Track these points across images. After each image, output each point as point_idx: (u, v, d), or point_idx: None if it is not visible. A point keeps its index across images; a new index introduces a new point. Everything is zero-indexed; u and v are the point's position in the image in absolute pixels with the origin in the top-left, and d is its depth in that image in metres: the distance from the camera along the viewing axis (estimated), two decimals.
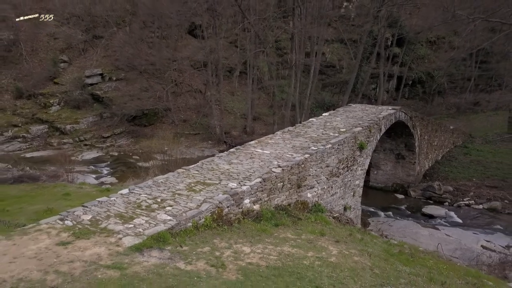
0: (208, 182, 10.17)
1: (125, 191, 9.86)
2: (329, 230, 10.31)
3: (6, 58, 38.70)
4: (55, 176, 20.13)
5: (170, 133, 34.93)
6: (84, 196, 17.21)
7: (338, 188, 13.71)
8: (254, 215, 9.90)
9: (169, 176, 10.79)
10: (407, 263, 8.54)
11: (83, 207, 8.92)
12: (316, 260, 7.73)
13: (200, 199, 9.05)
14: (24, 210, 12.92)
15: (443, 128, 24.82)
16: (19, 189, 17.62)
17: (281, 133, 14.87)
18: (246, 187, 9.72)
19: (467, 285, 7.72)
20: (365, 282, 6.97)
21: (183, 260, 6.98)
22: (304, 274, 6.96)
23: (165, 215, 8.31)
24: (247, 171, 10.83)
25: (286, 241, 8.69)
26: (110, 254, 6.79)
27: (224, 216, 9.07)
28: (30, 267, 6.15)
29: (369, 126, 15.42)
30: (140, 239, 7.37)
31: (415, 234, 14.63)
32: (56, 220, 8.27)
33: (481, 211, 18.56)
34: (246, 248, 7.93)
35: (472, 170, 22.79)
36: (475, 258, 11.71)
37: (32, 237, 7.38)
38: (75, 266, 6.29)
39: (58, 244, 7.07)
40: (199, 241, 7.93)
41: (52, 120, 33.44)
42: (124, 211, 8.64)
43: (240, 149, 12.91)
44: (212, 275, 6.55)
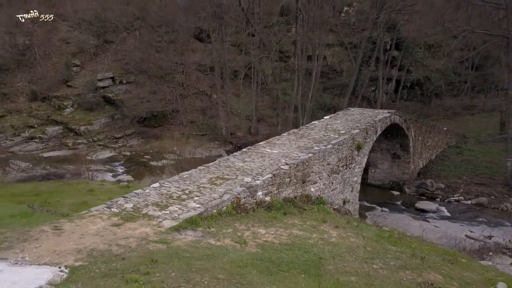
0: (226, 177, 11.89)
1: (157, 185, 11.56)
2: (330, 218, 12.02)
3: (20, 62, 40.44)
4: (77, 174, 21.85)
5: (178, 134, 36.63)
6: (107, 192, 18.96)
7: (338, 183, 15.43)
8: (266, 205, 11.62)
9: (192, 172, 12.49)
10: (395, 244, 10.24)
11: (123, 198, 10.63)
12: (319, 240, 9.44)
13: (222, 191, 10.77)
14: (62, 203, 14.59)
15: (436, 130, 26.51)
16: (48, 186, 19.35)
17: (287, 134, 16.57)
18: (259, 181, 11.43)
19: (443, 261, 9.40)
20: (358, 256, 8.68)
21: (213, 238, 8.70)
22: (310, 249, 8.67)
23: (194, 203, 10.02)
24: (259, 168, 12.54)
25: (294, 226, 10.41)
26: (155, 233, 8.50)
27: (241, 205, 10.79)
28: (96, 241, 7.86)
29: (366, 128, 17.14)
30: (177, 222, 9.08)
31: (407, 226, 16.33)
32: (104, 208, 9.97)
33: (469, 206, 20.29)
34: (261, 230, 9.65)
35: (463, 168, 24.50)
36: (457, 244, 13.41)
37: (89, 220, 9.09)
38: (130, 241, 7.99)
39: (112, 225, 8.78)
40: (223, 225, 9.64)
41: (66, 122, 35.19)
42: (159, 200, 10.36)
43: (251, 149, 14.63)
44: (237, 248, 8.27)
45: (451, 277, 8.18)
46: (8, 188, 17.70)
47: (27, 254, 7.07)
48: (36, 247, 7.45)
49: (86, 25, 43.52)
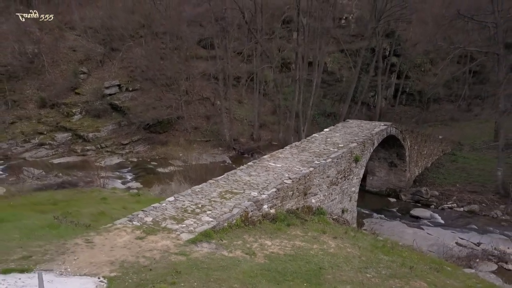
0: (235, 191, 13.04)
1: (172, 199, 12.71)
2: (329, 229, 13.17)
3: (29, 69, 41.65)
4: (90, 182, 23.01)
5: (183, 140, 37.83)
6: (119, 200, 20.11)
7: (337, 194, 16.59)
8: (271, 217, 12.77)
9: (203, 186, 13.65)
10: (387, 253, 11.39)
11: (143, 211, 11.77)
12: (320, 251, 10.60)
13: (231, 205, 11.92)
14: (81, 213, 15.68)
15: (432, 139, 27.65)
16: (63, 194, 20.47)
17: (289, 148, 17.71)
18: (265, 196, 12.58)
19: (430, 269, 10.55)
20: (354, 265, 9.84)
21: (226, 249, 9.86)
22: (311, 260, 9.82)
23: (207, 217, 11.17)
24: (264, 182, 13.69)
25: (297, 237, 11.57)
26: (175, 245, 9.65)
27: (249, 218, 11.93)
28: (125, 253, 9.01)
29: (363, 141, 18.29)
30: (193, 235, 10.22)
31: (401, 233, 17.49)
32: (126, 221, 11.13)
33: (461, 213, 21.45)
34: (268, 242, 10.81)
35: (457, 176, 25.64)
36: (447, 252, 14.54)
37: (116, 233, 10.24)
38: (154, 253, 9.14)
39: (136, 238, 9.93)
40: (233, 237, 10.79)
41: (75, 128, 36.38)
42: (175, 214, 11.51)
43: (257, 163, 15.78)
44: (247, 259, 9.43)
45: (435, 285, 9.33)
46: (27, 197, 18.85)
47: (68, 266, 8.22)
48: (75, 259, 8.60)
49: (92, 33, 44.72)
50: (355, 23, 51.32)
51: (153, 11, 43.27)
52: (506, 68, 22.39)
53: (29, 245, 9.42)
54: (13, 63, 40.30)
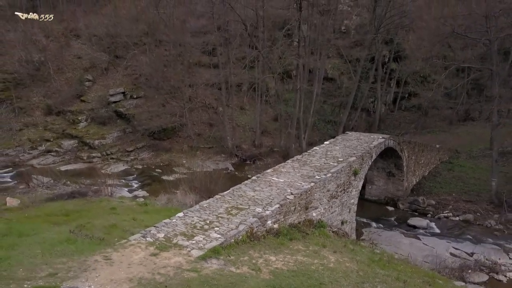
0: (240, 207, 13.84)
1: (181, 214, 13.52)
2: (329, 242, 13.99)
3: (35, 77, 42.49)
4: (98, 191, 23.82)
5: (186, 146, 38.65)
6: (128, 210, 20.87)
7: (337, 207, 17.41)
8: (275, 232, 13.59)
9: (210, 202, 14.45)
10: (383, 267, 12.22)
11: (155, 227, 12.57)
12: (320, 266, 11.41)
13: (237, 221, 12.72)
14: (94, 225, 16.47)
15: (429, 148, 28.45)
16: (74, 204, 21.24)
17: (291, 161, 18.52)
18: (269, 212, 13.39)
19: (423, 283, 11.38)
20: (352, 281, 10.66)
21: (233, 266, 10.67)
22: (312, 275, 10.64)
23: (215, 234, 11.97)
24: (268, 198, 14.50)
25: (299, 252, 12.39)
26: (186, 262, 10.46)
27: (254, 234, 12.74)
28: (141, 270, 9.82)
29: (362, 155, 19.11)
30: (203, 252, 11.03)
31: (398, 243, 18.31)
32: (140, 237, 11.94)
33: (457, 223, 22.26)
34: (272, 257, 11.63)
35: (453, 185, 26.45)
36: (441, 263, 15.34)
37: (131, 250, 11.06)
38: (168, 270, 9.96)
39: (150, 255, 10.74)
40: (240, 252, 11.61)
41: (81, 136, 37.23)
42: (185, 230, 12.31)
43: (260, 178, 16.59)
44: (253, 275, 10.24)
45: None
46: (40, 208, 19.64)
47: (92, 283, 9.04)
48: (96, 276, 9.42)
49: (96, 41, 45.55)
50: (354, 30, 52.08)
51: (156, 20, 44.10)
52: (499, 83, 23.20)
53: (53, 261, 10.23)
54: (20, 70, 41.17)
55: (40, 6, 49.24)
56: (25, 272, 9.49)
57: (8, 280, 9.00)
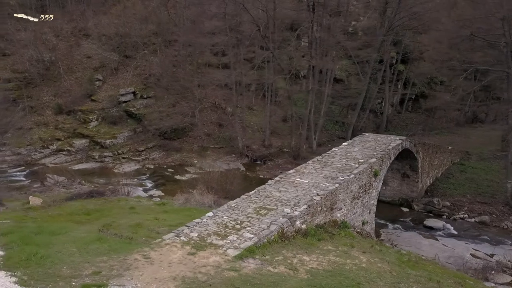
0: (268, 207, 13.98)
1: (211, 214, 13.66)
2: (356, 243, 14.13)
3: (45, 76, 42.67)
4: (115, 190, 23.97)
5: (197, 146, 38.76)
6: (147, 209, 21.05)
7: (359, 208, 17.56)
8: (303, 232, 13.73)
9: (238, 202, 14.59)
10: (413, 268, 12.36)
11: (187, 227, 12.69)
12: (353, 266, 11.55)
13: (268, 222, 12.85)
14: (119, 224, 16.63)
15: (442, 150, 28.60)
16: (94, 203, 21.40)
17: (312, 162, 18.66)
18: (298, 212, 13.54)
19: (454, 283, 11.52)
20: (387, 281, 10.79)
21: (270, 265, 10.81)
22: (348, 275, 10.77)
23: (248, 233, 12.11)
24: (295, 199, 14.64)
25: (330, 252, 12.53)
26: (224, 261, 10.60)
27: (284, 234, 12.90)
28: (183, 269, 9.96)
29: (382, 156, 19.27)
30: (239, 251, 11.16)
31: (418, 244, 18.46)
32: (173, 237, 12.06)
33: (472, 224, 22.43)
34: (305, 257, 11.77)
35: (467, 187, 26.60)
36: (464, 264, 15.50)
37: (168, 249, 11.19)
38: (208, 269, 10.09)
39: (188, 254, 10.87)
40: (273, 252, 11.75)
41: (92, 135, 37.36)
42: (217, 230, 12.45)
43: (283, 178, 16.73)
44: (291, 275, 10.38)
45: None
46: (62, 208, 19.79)
47: (137, 281, 9.17)
48: (140, 274, 9.55)
49: (106, 40, 45.65)
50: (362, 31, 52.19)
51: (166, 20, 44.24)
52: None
53: (94, 260, 10.36)
54: (30, 70, 41.35)
55: (49, 5, 49.28)
56: (69, 270, 9.63)
57: (54, 277, 9.15)
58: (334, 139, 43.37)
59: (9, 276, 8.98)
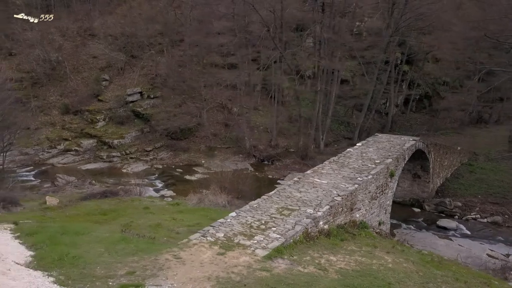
0: (291, 208, 14.04)
1: (234, 214, 13.70)
2: (377, 243, 14.21)
3: (51, 76, 42.65)
4: (128, 190, 23.99)
5: (204, 146, 38.78)
6: (162, 209, 21.06)
7: (376, 208, 17.63)
8: (325, 232, 13.79)
9: (259, 202, 14.64)
10: (438, 268, 12.43)
11: (212, 227, 12.74)
12: (380, 266, 11.62)
13: (292, 222, 12.91)
14: (139, 224, 16.64)
15: (451, 150, 28.71)
16: (108, 203, 21.39)
17: (328, 163, 18.72)
18: (321, 213, 13.60)
19: (480, 283, 11.60)
20: (416, 281, 10.86)
21: (299, 265, 10.87)
22: (376, 275, 10.84)
23: (274, 234, 12.16)
24: (316, 199, 14.70)
25: (354, 252, 12.59)
26: (254, 261, 10.64)
27: (309, 234, 12.97)
28: (215, 269, 10.00)
29: (397, 157, 19.36)
30: (267, 251, 11.21)
31: (434, 244, 18.54)
32: (200, 237, 12.10)
33: (485, 224, 22.54)
34: (332, 257, 11.83)
35: (477, 187, 26.71)
36: (483, 264, 15.59)
37: (196, 249, 11.23)
38: (240, 269, 10.13)
39: (218, 254, 10.91)
40: (300, 253, 11.80)
41: (100, 135, 37.35)
42: (243, 230, 12.50)
43: (302, 179, 16.79)
44: (322, 275, 10.44)
45: None
46: (77, 207, 19.81)
47: (173, 281, 9.21)
48: (174, 274, 9.59)
49: (112, 40, 45.65)
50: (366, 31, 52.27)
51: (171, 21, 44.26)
52: None
53: (125, 260, 10.41)
54: (37, 69, 41.32)
55: (54, 5, 49.26)
56: (103, 270, 9.67)
57: (91, 278, 9.19)
58: (340, 139, 43.50)
59: (46, 276, 9.01)
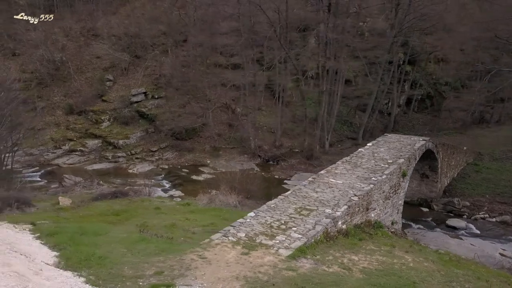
0: (309, 208, 14.09)
1: (252, 214, 13.74)
2: (395, 242, 14.29)
3: (54, 76, 42.54)
4: (137, 191, 24.00)
5: (209, 147, 38.79)
6: (173, 210, 21.10)
7: (389, 208, 17.72)
8: (344, 232, 13.85)
9: (276, 202, 14.68)
10: (457, 267, 12.52)
11: (232, 227, 12.77)
12: (402, 265, 11.69)
13: (312, 222, 12.95)
14: (154, 224, 16.66)
15: (458, 150, 28.86)
16: (119, 204, 21.40)
17: (341, 163, 18.79)
18: (339, 213, 13.66)
19: (501, 282, 11.68)
20: (439, 280, 10.93)
21: (324, 265, 10.92)
22: (400, 274, 10.90)
23: (296, 234, 12.21)
24: (333, 199, 14.76)
25: (374, 252, 12.66)
26: (279, 261, 10.68)
27: (328, 234, 13.02)
28: (242, 269, 10.03)
29: (409, 157, 19.46)
30: (291, 251, 11.25)
31: (446, 244, 18.64)
32: (221, 237, 12.14)
33: (494, 224, 22.68)
34: (354, 257, 11.89)
35: (484, 187, 26.86)
36: (498, 263, 15.70)
37: (220, 249, 11.25)
38: (266, 269, 10.16)
39: (242, 254, 10.94)
40: (322, 252, 11.86)
41: (105, 136, 37.30)
42: (263, 230, 12.54)
43: (317, 179, 16.85)
44: (347, 274, 10.50)
45: None
46: (89, 208, 19.81)
47: (202, 281, 9.23)
48: (202, 274, 9.61)
49: (116, 41, 45.57)
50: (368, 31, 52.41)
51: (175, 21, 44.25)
52: None
53: (150, 260, 10.42)
54: (41, 70, 41.20)
55: (57, 6, 49.11)
56: (131, 270, 9.69)
57: (120, 278, 9.21)
58: (343, 139, 43.61)
59: (77, 276, 9.02)
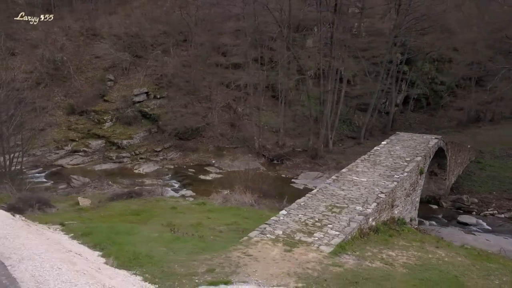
0: (339, 206, 14.28)
1: (284, 212, 13.87)
2: (422, 238, 14.57)
3: (54, 76, 42.05)
4: (151, 191, 23.95)
5: (212, 146, 38.80)
6: (189, 209, 21.11)
7: (409, 204, 18.04)
8: (374, 229, 14.07)
9: (305, 200, 14.83)
10: (488, 261, 12.83)
11: (267, 224, 12.89)
12: (438, 260, 11.94)
13: (346, 219, 13.14)
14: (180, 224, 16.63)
15: (463, 148, 29.41)
16: (135, 204, 21.30)
17: (360, 161, 19.03)
18: (370, 210, 13.88)
19: None
20: (477, 274, 11.20)
21: (366, 261, 11.10)
22: (439, 268, 11.15)
23: (333, 231, 12.38)
24: (361, 197, 14.97)
25: (408, 247, 12.90)
26: (323, 257, 10.84)
27: (362, 231, 13.24)
28: (290, 266, 10.15)
29: (425, 155, 19.81)
30: (332, 248, 11.42)
31: (463, 239, 19.00)
32: (259, 234, 12.24)
33: (504, 220, 23.20)
34: (391, 252, 12.11)
35: (490, 184, 27.43)
36: None
37: (262, 246, 11.34)
38: (313, 265, 10.31)
39: (285, 251, 11.06)
40: (359, 248, 12.05)
41: (108, 136, 37.02)
42: (299, 227, 12.68)
43: (340, 177, 17.06)
44: (390, 269, 10.70)
45: None
46: (108, 208, 19.71)
47: (257, 278, 9.33)
48: (254, 271, 9.70)
49: (116, 40, 45.25)
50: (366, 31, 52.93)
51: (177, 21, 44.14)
52: None
53: (197, 258, 10.49)
54: (41, 69, 40.69)
55: (55, 5, 48.55)
56: (182, 268, 9.74)
57: (175, 276, 9.27)
58: (344, 138, 44.00)
59: (133, 275, 9.05)
